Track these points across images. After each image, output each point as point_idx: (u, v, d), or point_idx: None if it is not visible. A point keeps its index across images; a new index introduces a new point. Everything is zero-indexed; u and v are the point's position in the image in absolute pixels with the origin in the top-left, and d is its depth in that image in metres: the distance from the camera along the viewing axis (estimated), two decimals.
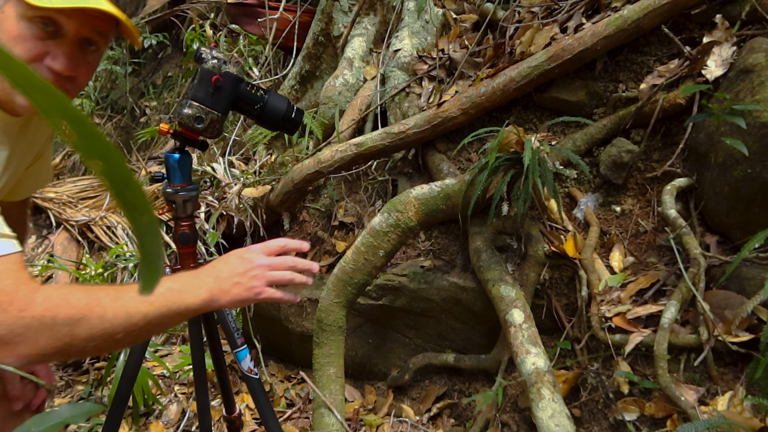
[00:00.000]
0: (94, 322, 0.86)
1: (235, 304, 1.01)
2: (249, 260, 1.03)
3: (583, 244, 1.82)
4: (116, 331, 0.88)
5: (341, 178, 2.54)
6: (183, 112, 1.25)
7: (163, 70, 4.93)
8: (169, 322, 0.95)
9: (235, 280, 1.00)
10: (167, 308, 0.93)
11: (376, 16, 2.94)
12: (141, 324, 0.90)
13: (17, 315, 0.81)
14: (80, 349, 0.87)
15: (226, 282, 1.00)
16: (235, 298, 1.00)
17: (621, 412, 1.57)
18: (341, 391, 1.91)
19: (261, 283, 1.02)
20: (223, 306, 1.00)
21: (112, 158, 0.18)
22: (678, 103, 1.74)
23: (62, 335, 0.84)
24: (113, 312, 0.88)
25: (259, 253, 1.05)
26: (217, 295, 0.98)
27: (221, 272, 1.01)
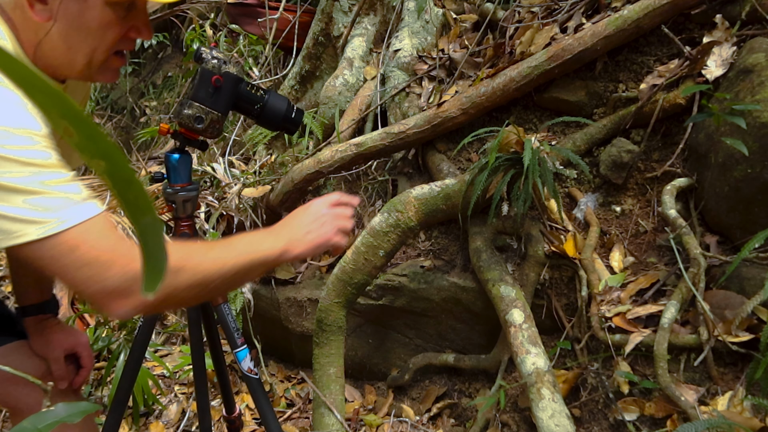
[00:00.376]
0: (192, 272, 0.93)
1: (310, 251, 1.10)
2: (316, 212, 1.14)
3: (583, 244, 1.82)
4: (211, 280, 0.96)
5: (341, 178, 2.54)
6: (183, 112, 1.25)
7: (163, 70, 4.93)
8: (254, 271, 1.05)
9: (307, 229, 1.10)
10: (251, 259, 1.01)
11: (376, 16, 2.94)
12: (231, 273, 0.98)
13: (123, 269, 0.86)
14: (182, 297, 0.95)
15: (299, 232, 1.09)
16: (309, 245, 1.09)
17: (621, 412, 1.57)
18: (341, 391, 1.92)
19: (330, 229, 1.12)
20: (299, 255, 1.08)
21: (114, 158, 0.18)
22: (678, 103, 1.74)
23: (166, 284, 0.89)
24: (207, 263, 0.96)
25: (323, 205, 1.15)
26: (294, 244, 1.07)
27: (293, 226, 1.11)
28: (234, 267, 0.99)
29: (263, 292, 2.43)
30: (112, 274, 0.86)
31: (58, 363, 1.29)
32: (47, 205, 0.83)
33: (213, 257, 0.98)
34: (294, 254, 1.08)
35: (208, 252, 1.00)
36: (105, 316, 0.95)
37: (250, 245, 1.04)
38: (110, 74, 1.07)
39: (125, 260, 0.87)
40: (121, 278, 0.86)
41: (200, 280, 0.95)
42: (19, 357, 1.26)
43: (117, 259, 0.87)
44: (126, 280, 0.86)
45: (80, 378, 1.35)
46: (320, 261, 2.41)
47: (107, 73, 1.06)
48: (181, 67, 4.68)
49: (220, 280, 0.98)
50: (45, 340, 1.30)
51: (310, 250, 1.09)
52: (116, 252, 0.88)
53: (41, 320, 1.32)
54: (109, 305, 0.87)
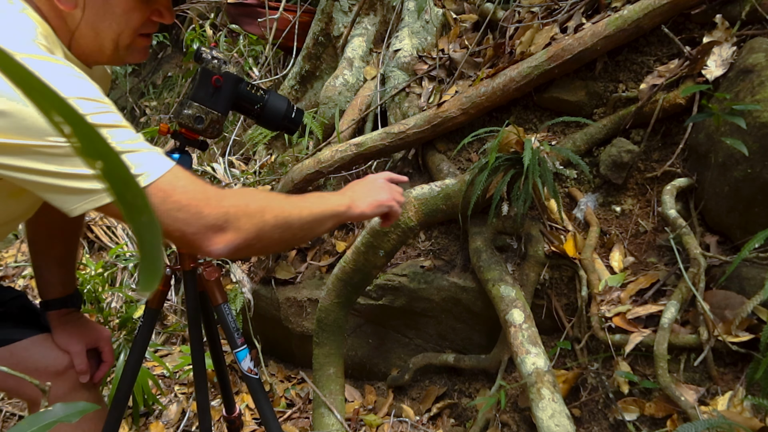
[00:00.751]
0: (276, 210, 1.02)
1: (371, 210, 1.22)
2: (374, 180, 1.29)
3: (583, 244, 1.82)
4: (293, 221, 1.05)
5: (341, 178, 2.54)
6: (183, 112, 1.25)
7: (163, 70, 4.94)
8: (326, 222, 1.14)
9: (368, 193, 1.24)
10: (325, 208, 1.12)
11: (376, 16, 2.94)
12: (308, 219, 1.08)
13: (218, 205, 0.94)
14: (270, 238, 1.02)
15: (361, 194, 1.23)
16: (371, 204, 1.21)
17: (621, 412, 1.57)
18: (341, 391, 1.92)
19: (388, 196, 1.26)
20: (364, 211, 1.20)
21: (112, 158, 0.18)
22: (678, 103, 1.74)
23: (256, 219, 0.98)
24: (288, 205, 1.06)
25: (380, 177, 1.31)
26: (357, 203, 1.19)
27: (355, 190, 1.24)
28: (311, 215, 1.09)
29: (263, 292, 2.43)
30: (208, 212, 0.92)
31: (80, 356, 1.31)
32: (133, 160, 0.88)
33: (292, 203, 1.07)
34: (358, 211, 1.19)
35: (286, 198, 1.09)
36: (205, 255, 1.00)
37: (320, 198, 1.15)
38: (138, 54, 1.12)
39: (217, 198, 0.95)
40: (217, 215, 0.93)
41: (284, 222, 1.03)
42: (42, 350, 1.28)
43: (210, 198, 0.94)
44: (220, 215, 0.94)
45: (101, 372, 1.37)
46: (320, 261, 2.41)
47: (135, 53, 1.11)
48: (181, 67, 4.68)
49: (300, 224, 1.06)
50: (68, 333, 1.32)
51: (371, 209, 1.21)
52: (207, 192, 0.95)
53: (64, 314, 1.34)
54: (209, 243, 0.93)
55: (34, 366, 1.26)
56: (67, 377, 1.30)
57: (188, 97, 1.27)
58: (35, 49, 0.89)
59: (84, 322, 1.37)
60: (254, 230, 0.98)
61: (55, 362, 1.28)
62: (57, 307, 1.34)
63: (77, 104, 0.86)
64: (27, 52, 0.87)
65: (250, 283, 2.46)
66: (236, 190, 1.12)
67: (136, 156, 0.89)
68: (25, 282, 3.26)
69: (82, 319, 1.38)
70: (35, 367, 1.26)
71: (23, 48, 0.88)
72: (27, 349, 1.26)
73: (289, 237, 1.07)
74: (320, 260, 2.42)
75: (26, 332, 1.28)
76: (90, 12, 1.00)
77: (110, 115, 0.90)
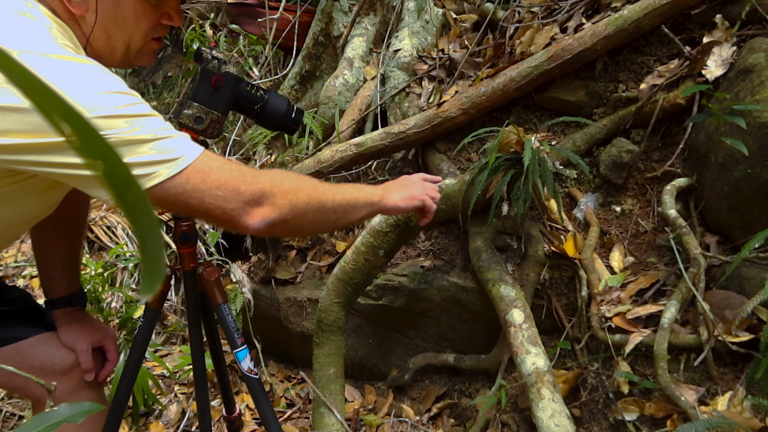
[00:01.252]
0: (309, 192, 1.05)
1: (405, 201, 1.26)
2: (409, 178, 1.34)
3: (583, 244, 1.82)
4: (326, 203, 1.08)
5: (341, 178, 2.54)
6: (183, 112, 1.25)
7: (163, 70, 4.93)
8: (360, 210, 1.17)
9: (401, 187, 1.28)
10: (357, 197, 1.16)
11: (376, 16, 2.94)
12: (342, 203, 1.11)
13: (254, 181, 0.98)
14: (305, 218, 1.05)
15: (395, 188, 1.27)
16: (404, 198, 1.26)
17: (621, 412, 1.57)
18: (341, 391, 1.92)
19: (421, 192, 1.30)
20: (397, 203, 1.24)
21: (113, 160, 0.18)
22: (678, 103, 1.74)
23: (291, 196, 1.02)
24: (322, 187, 1.09)
25: (414, 177, 1.35)
26: (390, 195, 1.23)
27: (389, 185, 1.28)
28: (344, 199, 1.12)
29: (263, 292, 2.43)
30: (245, 189, 0.96)
31: (85, 355, 1.31)
32: (168, 146, 0.92)
33: (325, 187, 1.10)
34: (391, 203, 1.23)
35: (320, 183, 1.12)
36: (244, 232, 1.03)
37: (355, 187, 1.19)
38: (148, 57, 1.14)
39: (252, 176, 0.99)
40: (254, 190, 0.97)
41: (317, 202, 1.06)
42: (47, 348, 1.29)
43: (245, 176, 0.98)
44: (257, 191, 0.97)
45: (105, 371, 1.38)
46: (320, 261, 2.41)
47: (145, 56, 1.13)
48: (181, 67, 4.68)
49: (333, 207, 1.09)
50: (73, 331, 1.32)
51: (404, 202, 1.25)
52: (241, 170, 0.99)
53: (70, 312, 1.35)
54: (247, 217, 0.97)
55: (39, 364, 1.26)
56: (72, 376, 1.30)
57: (188, 97, 1.27)
58: (59, 50, 0.90)
59: (89, 320, 1.38)
60: (289, 206, 1.01)
61: (61, 360, 1.29)
62: (62, 305, 1.34)
63: (110, 98, 0.89)
64: (50, 52, 0.88)
65: (250, 283, 2.46)
66: (270, 170, 1.16)
67: (172, 141, 0.92)
68: (25, 282, 3.26)
69: (88, 317, 1.39)
70: (40, 365, 1.26)
71: (52, 49, 0.89)
72: (32, 347, 1.27)
73: (322, 219, 1.10)
74: (320, 260, 2.42)
75: (32, 330, 1.29)
76: (101, 16, 1.02)
77: (142, 106, 0.93)
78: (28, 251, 3.36)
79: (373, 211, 1.22)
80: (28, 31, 0.91)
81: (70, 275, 1.38)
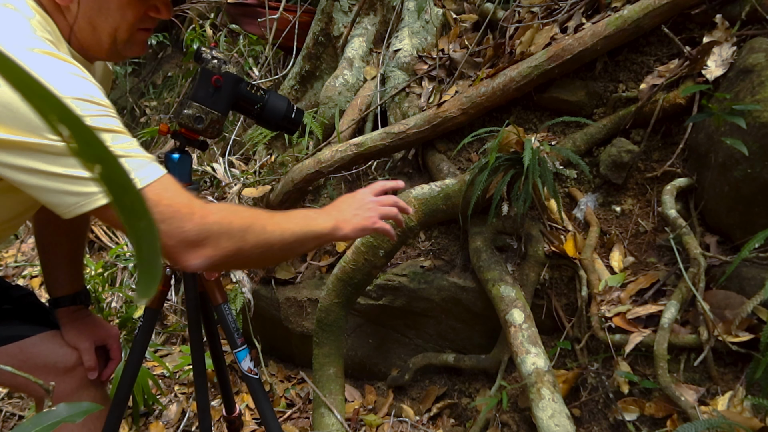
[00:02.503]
0: (258, 231, 1.02)
1: (356, 232, 1.18)
2: (362, 198, 1.23)
3: (583, 244, 1.82)
4: (274, 243, 1.04)
5: (341, 178, 2.54)
6: (183, 112, 1.25)
7: (163, 70, 4.93)
8: (308, 243, 1.13)
9: (354, 212, 1.19)
10: (308, 230, 1.11)
11: (376, 16, 2.94)
12: (290, 240, 1.07)
13: (201, 221, 0.93)
14: (249, 256, 1.02)
15: (347, 214, 1.18)
16: (356, 226, 1.17)
17: (621, 412, 1.57)
18: (341, 391, 1.92)
19: (375, 214, 1.20)
20: (347, 234, 1.17)
21: (111, 163, 0.18)
22: (678, 103, 1.74)
23: (237, 239, 0.98)
24: (271, 226, 1.04)
25: (368, 193, 1.25)
26: (341, 224, 1.16)
27: (341, 208, 1.20)
28: (293, 235, 1.07)
29: (263, 292, 2.43)
30: (191, 227, 0.92)
31: (89, 353, 1.32)
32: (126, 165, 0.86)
33: (276, 223, 1.06)
34: (342, 233, 1.16)
35: (272, 217, 1.07)
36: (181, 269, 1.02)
37: (306, 218, 1.13)
38: (137, 48, 1.12)
39: (202, 213, 0.95)
40: (199, 230, 0.93)
41: (264, 243, 1.03)
42: (51, 346, 1.29)
43: (195, 212, 0.94)
44: (202, 231, 0.93)
45: (109, 370, 1.38)
46: (320, 261, 2.41)
47: (134, 47, 1.11)
48: (181, 67, 4.68)
49: (281, 245, 1.05)
50: (77, 330, 1.32)
51: (356, 231, 1.18)
52: (193, 205, 0.95)
53: (74, 311, 1.35)
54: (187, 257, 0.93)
55: (43, 362, 1.26)
56: (75, 374, 1.31)
57: (188, 97, 1.27)
58: (40, 43, 0.89)
59: (93, 319, 1.38)
60: (233, 249, 0.97)
61: (64, 359, 1.29)
62: (66, 304, 1.35)
63: (75, 105, 0.86)
64: (32, 46, 0.87)
65: (250, 283, 2.46)
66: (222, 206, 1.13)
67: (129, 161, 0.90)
68: (25, 282, 3.26)
69: (91, 316, 1.39)
70: (44, 364, 1.26)
71: (27, 41, 0.88)
72: (36, 345, 1.27)
73: (268, 256, 1.08)
74: (320, 260, 2.42)
75: (35, 329, 1.29)
76: (85, 6, 1.00)
77: (108, 119, 0.90)
78: (28, 251, 3.37)
79: (322, 242, 1.18)
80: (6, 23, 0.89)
81: (73, 274, 1.39)
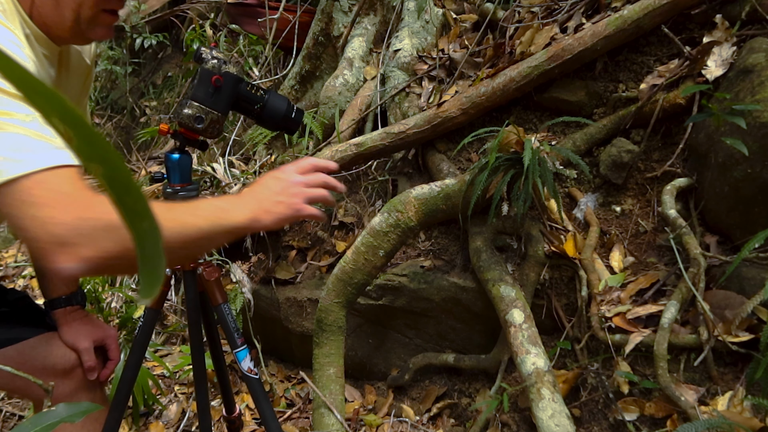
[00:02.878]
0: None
1: (278, 223, 1.03)
2: (285, 180, 1.07)
3: (583, 244, 1.82)
4: (173, 240, 0.89)
5: (341, 178, 2.54)
6: (183, 112, 1.25)
7: (163, 70, 4.93)
8: (219, 238, 0.99)
9: (276, 200, 1.04)
10: (218, 224, 0.95)
11: (376, 16, 2.94)
12: (194, 236, 0.92)
13: (78, 215, 0.80)
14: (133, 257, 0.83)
15: (267, 202, 1.03)
16: (278, 216, 1.03)
17: (621, 412, 1.57)
18: (341, 391, 1.91)
19: (300, 199, 1.06)
20: (267, 226, 1.02)
21: (113, 162, 0.18)
22: (678, 103, 1.74)
23: (122, 239, 0.82)
24: (169, 221, 0.88)
25: (293, 172, 1.09)
26: (261, 214, 1.01)
27: (262, 194, 1.04)
28: (198, 231, 0.92)
29: (263, 292, 2.43)
30: (62, 220, 0.79)
31: (87, 353, 1.31)
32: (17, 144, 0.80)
33: (173, 217, 0.90)
34: (261, 225, 1.02)
35: (170, 210, 0.93)
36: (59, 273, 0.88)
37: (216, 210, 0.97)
38: (102, 31, 1.07)
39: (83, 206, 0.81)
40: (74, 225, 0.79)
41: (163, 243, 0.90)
42: (49, 347, 1.28)
43: (75, 203, 0.81)
44: (75, 228, 0.79)
45: (108, 370, 1.38)
46: (320, 261, 2.41)
47: (98, 29, 1.06)
48: (181, 67, 4.68)
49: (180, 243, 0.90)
50: (74, 330, 1.32)
51: (278, 222, 1.03)
52: (76, 197, 0.82)
53: (70, 312, 1.35)
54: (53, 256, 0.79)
55: (41, 364, 1.26)
56: (74, 375, 1.30)
57: (188, 97, 1.27)
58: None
59: (90, 319, 1.38)
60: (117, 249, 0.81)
61: (63, 360, 1.29)
62: (62, 305, 1.34)
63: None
64: None
65: (250, 283, 2.46)
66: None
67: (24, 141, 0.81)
68: (25, 282, 3.26)
69: (88, 316, 1.38)
70: (43, 365, 1.26)
71: None
72: (34, 347, 1.26)
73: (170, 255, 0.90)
74: (320, 260, 2.42)
75: (33, 331, 1.28)
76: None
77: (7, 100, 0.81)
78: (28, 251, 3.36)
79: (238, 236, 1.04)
80: None
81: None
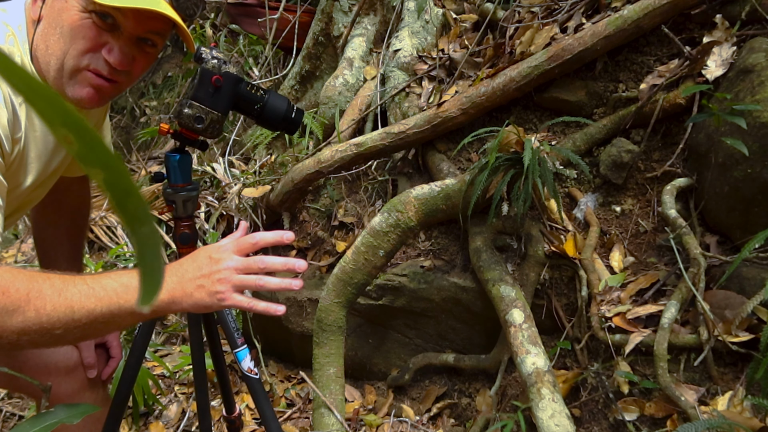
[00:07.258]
0: (29, 315, 0.78)
1: (197, 309, 0.93)
2: (217, 261, 0.93)
3: (583, 244, 1.82)
4: (55, 327, 0.80)
5: (341, 178, 2.54)
6: (183, 112, 1.25)
7: (163, 70, 4.93)
8: (121, 321, 0.87)
9: (198, 283, 0.91)
10: (118, 307, 0.84)
11: (376, 16, 2.94)
12: (84, 321, 0.82)
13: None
14: (12, 341, 0.79)
15: (189, 284, 0.91)
16: (197, 302, 0.91)
17: (621, 412, 1.57)
18: (341, 391, 1.91)
19: (226, 287, 0.91)
20: (184, 309, 0.92)
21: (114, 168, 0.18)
22: (678, 103, 1.74)
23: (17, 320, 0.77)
24: (54, 305, 0.80)
25: (230, 252, 0.94)
26: (179, 297, 0.90)
27: (186, 272, 0.92)
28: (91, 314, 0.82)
29: (263, 292, 2.44)
30: None
31: (88, 351, 1.32)
32: None
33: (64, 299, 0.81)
34: (178, 308, 0.91)
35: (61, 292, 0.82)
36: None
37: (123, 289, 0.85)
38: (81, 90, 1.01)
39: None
40: None
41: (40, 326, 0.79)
42: None
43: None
44: None
45: (109, 368, 1.39)
46: (320, 261, 2.41)
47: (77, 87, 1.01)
48: (181, 67, 4.68)
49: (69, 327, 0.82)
50: None
51: (196, 309, 0.92)
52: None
53: None
54: None
55: (44, 362, 1.26)
56: (76, 374, 1.31)
57: (188, 97, 1.27)
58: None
59: None
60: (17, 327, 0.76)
61: (65, 358, 1.29)
62: None
63: None
64: None
65: None
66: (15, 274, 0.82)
67: None
68: None
69: None
70: (45, 364, 1.26)
71: None
72: None
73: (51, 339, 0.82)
74: (320, 260, 2.42)
75: None
76: (46, 21, 0.97)
77: None
78: (28, 251, 3.36)
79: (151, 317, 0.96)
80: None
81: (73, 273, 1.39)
